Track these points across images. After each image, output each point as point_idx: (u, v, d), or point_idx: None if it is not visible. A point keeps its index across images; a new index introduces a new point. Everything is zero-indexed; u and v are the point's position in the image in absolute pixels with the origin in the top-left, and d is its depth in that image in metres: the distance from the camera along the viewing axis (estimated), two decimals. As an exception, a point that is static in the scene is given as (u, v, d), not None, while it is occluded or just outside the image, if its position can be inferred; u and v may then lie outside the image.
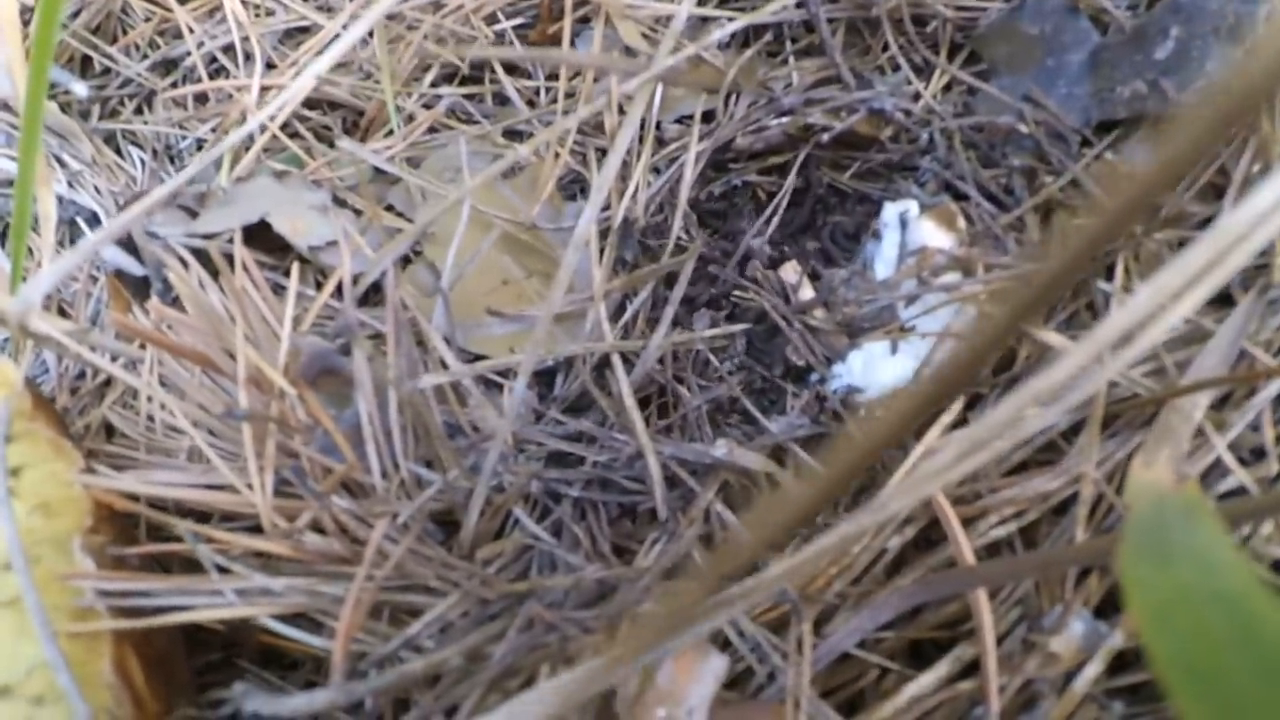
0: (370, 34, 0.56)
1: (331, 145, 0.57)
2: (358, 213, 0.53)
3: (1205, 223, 0.46)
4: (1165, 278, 0.15)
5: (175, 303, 0.48)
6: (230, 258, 0.45)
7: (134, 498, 0.42)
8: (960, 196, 0.49)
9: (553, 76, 0.57)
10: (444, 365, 0.42)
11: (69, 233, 0.63)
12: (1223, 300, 0.42)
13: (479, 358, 0.46)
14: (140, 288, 0.53)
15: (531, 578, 0.37)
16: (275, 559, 0.39)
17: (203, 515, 0.43)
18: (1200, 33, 0.41)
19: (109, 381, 0.53)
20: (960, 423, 0.47)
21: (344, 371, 0.44)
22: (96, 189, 0.62)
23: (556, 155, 0.51)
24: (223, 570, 0.38)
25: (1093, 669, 0.35)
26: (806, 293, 0.51)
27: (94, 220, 0.62)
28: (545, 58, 0.55)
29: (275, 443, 0.41)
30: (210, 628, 0.39)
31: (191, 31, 0.62)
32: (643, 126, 0.51)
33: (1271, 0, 0.42)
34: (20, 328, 0.40)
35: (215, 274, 0.48)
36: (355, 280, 0.45)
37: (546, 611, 0.34)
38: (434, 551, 0.38)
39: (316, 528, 0.40)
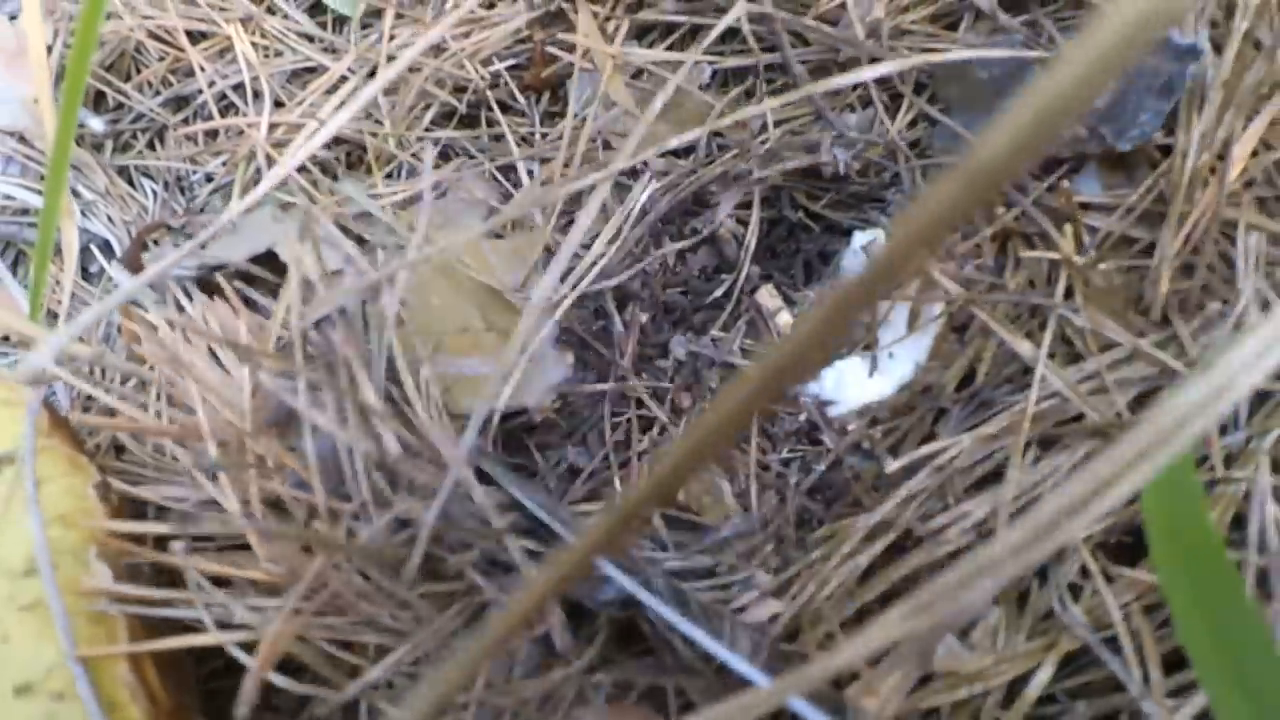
0: (376, 78, 0.60)
1: (335, 178, 0.60)
2: (361, 242, 0.56)
3: (1149, 249, 0.49)
4: (1098, 466, 0.17)
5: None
6: (236, 278, 0.48)
7: (143, 514, 0.44)
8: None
9: (547, 118, 0.60)
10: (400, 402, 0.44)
11: (82, 259, 0.65)
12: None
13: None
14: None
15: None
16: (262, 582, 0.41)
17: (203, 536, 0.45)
18: (1135, 88, 0.46)
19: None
20: (929, 437, 0.50)
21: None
22: (109, 218, 0.65)
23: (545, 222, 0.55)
24: (216, 585, 0.40)
25: (1044, 673, 0.37)
26: (784, 317, 0.54)
27: (106, 248, 0.65)
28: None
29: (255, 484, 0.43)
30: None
31: (203, 70, 0.66)
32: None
33: (1200, 62, 0.46)
34: (47, 372, 0.42)
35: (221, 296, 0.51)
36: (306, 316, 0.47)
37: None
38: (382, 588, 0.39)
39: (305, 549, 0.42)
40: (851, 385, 0.50)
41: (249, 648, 0.39)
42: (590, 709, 0.37)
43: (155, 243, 0.62)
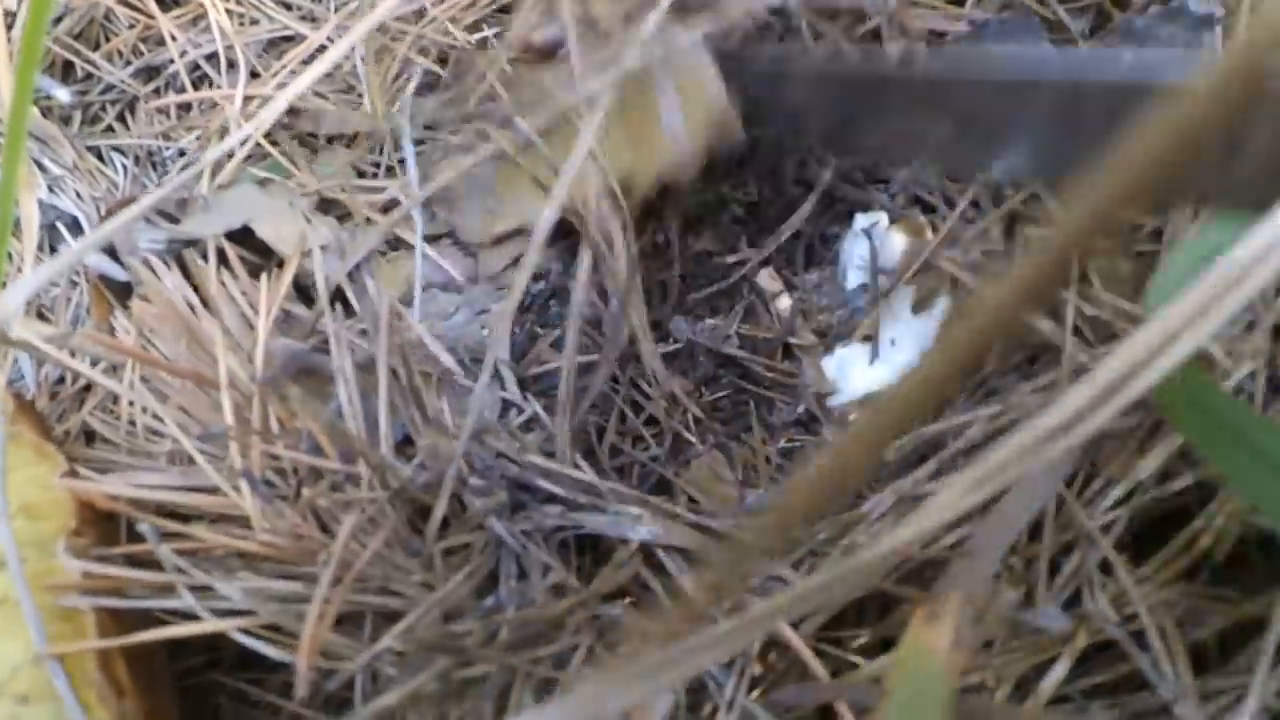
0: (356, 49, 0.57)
1: (315, 151, 0.58)
2: (341, 219, 0.53)
3: (1156, 234, 0.48)
4: (1126, 351, 0.16)
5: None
6: (221, 254, 0.46)
7: (116, 500, 0.42)
8: (929, 209, 0.51)
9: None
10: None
11: (48, 237, 0.62)
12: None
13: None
14: (122, 292, 0.54)
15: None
16: (260, 559, 0.39)
17: (184, 517, 0.43)
18: (1150, 58, 0.44)
19: (89, 387, 0.53)
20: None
21: (321, 370, 0.45)
22: (78, 194, 0.62)
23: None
24: (199, 580, 0.38)
25: (1061, 668, 0.35)
26: (784, 301, 0.53)
27: (74, 225, 0.62)
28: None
29: (259, 449, 0.41)
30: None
31: (174, 39, 0.63)
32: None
33: (1215, 31, 0.44)
34: (1, 335, 0.40)
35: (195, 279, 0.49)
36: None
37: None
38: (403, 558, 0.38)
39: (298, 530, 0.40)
40: (853, 373, 0.49)
41: (252, 634, 0.37)
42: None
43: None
